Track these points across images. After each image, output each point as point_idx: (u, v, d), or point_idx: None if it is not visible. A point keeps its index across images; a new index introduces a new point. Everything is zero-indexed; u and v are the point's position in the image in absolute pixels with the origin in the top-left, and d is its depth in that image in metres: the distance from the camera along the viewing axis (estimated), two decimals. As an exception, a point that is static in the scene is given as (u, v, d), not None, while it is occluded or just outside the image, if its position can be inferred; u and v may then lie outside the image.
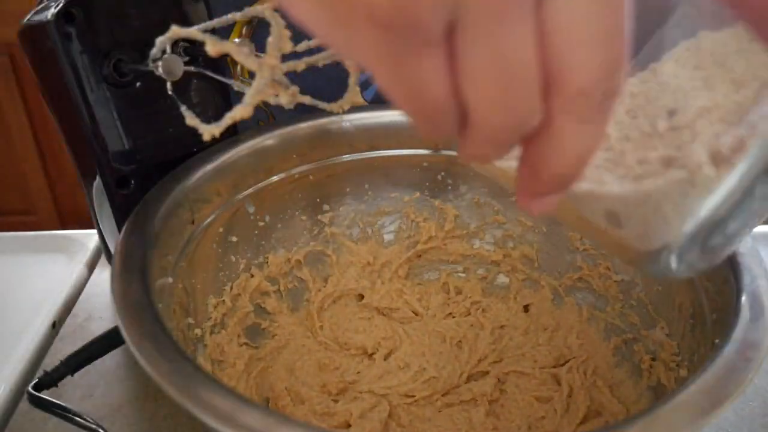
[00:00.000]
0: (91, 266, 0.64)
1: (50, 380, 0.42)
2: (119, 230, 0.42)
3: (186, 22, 0.41)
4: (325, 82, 0.35)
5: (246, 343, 0.49)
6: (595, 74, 0.19)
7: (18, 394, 0.49)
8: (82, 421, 0.41)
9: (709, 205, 0.22)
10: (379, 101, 0.59)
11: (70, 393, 0.49)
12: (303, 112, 0.51)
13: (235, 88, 0.36)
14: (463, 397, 0.47)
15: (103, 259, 0.65)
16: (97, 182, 0.47)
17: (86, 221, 0.56)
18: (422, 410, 0.47)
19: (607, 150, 0.25)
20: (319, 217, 0.55)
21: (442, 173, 0.56)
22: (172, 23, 0.29)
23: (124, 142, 0.46)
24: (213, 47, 0.26)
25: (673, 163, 0.23)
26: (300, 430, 0.30)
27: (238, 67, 0.57)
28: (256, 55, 0.28)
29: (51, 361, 0.51)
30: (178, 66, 0.38)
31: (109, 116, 0.44)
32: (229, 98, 0.51)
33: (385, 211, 0.57)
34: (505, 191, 0.55)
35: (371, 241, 0.57)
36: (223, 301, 0.48)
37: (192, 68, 0.40)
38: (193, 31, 0.28)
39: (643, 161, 0.24)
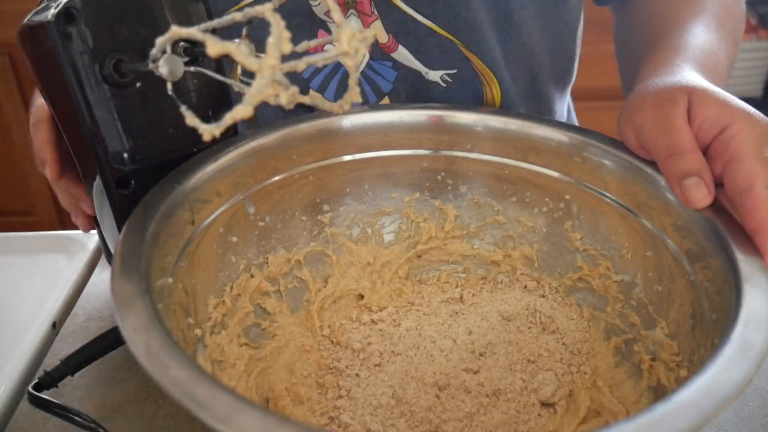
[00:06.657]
0: (91, 266, 0.64)
1: (50, 380, 0.42)
2: (119, 230, 0.42)
3: (186, 23, 0.41)
4: None
5: (246, 344, 0.49)
6: None
7: (18, 394, 0.49)
8: (82, 421, 0.41)
9: None
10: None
11: (70, 393, 0.49)
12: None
13: (235, 88, 0.36)
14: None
15: (103, 259, 0.65)
16: (97, 182, 0.47)
17: (86, 221, 0.56)
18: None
19: None
20: (319, 217, 0.55)
21: (442, 173, 0.56)
22: (173, 23, 0.29)
23: (124, 142, 0.46)
24: (213, 47, 0.26)
25: None
26: (300, 430, 0.30)
27: (239, 68, 0.57)
28: (256, 56, 0.28)
29: (51, 361, 0.51)
30: (178, 66, 0.38)
31: (109, 116, 0.44)
32: (229, 98, 0.51)
33: (385, 212, 0.57)
34: (505, 191, 0.55)
35: (371, 242, 0.57)
36: (223, 301, 0.48)
37: (192, 68, 0.40)
38: (194, 32, 0.28)
39: None
